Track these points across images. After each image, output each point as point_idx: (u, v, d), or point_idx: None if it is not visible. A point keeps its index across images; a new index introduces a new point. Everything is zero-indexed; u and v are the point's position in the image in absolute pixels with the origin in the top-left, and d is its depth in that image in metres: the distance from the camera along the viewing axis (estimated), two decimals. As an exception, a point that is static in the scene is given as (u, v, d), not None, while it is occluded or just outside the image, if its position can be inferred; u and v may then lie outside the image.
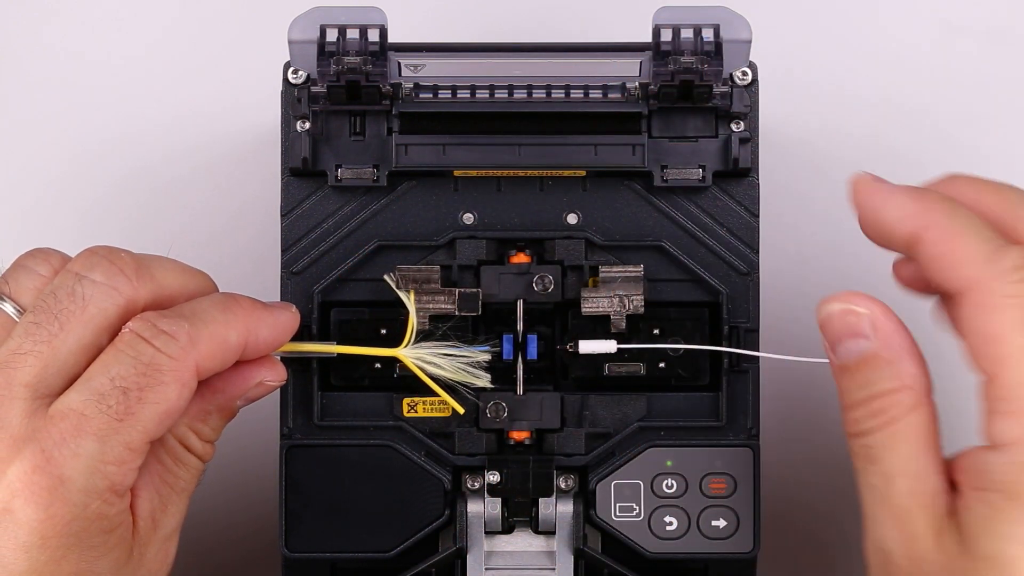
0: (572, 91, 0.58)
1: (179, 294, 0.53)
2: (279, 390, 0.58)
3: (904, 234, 0.52)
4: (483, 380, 0.57)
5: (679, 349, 0.59)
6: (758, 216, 0.59)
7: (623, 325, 0.58)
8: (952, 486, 0.51)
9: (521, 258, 0.59)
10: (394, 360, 0.57)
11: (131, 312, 0.51)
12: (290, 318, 0.55)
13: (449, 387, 0.57)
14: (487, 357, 0.57)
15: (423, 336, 0.57)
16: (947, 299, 0.52)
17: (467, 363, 0.57)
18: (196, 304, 0.52)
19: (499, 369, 0.58)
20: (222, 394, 0.53)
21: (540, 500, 0.59)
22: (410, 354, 0.57)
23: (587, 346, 0.58)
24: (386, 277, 0.58)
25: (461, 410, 0.57)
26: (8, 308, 0.52)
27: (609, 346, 0.57)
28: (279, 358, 0.55)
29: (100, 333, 0.50)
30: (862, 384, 0.52)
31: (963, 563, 0.49)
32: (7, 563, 0.48)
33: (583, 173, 0.59)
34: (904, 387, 0.51)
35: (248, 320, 0.53)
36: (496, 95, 0.58)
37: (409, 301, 0.57)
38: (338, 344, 0.57)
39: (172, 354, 0.50)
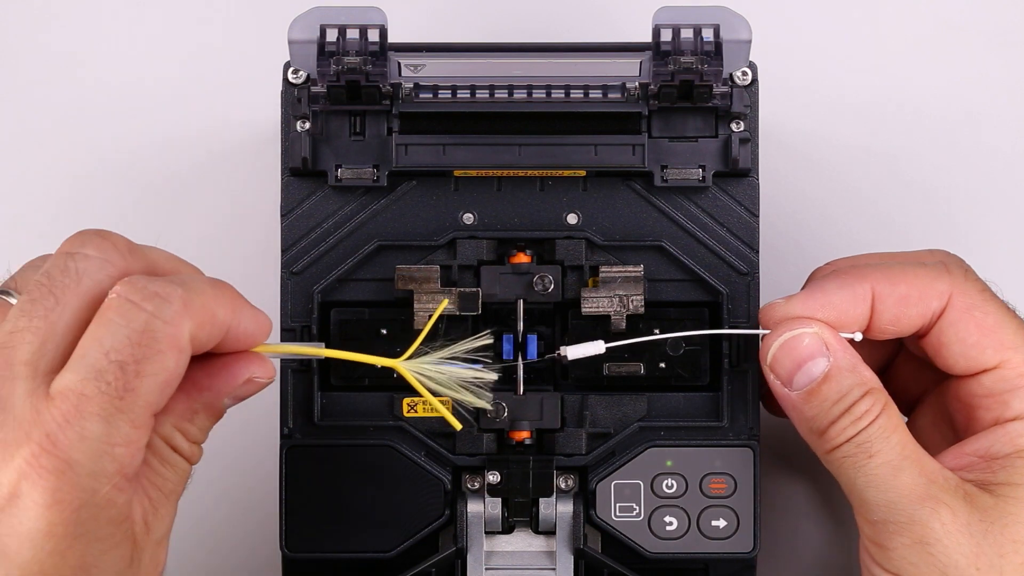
0: (572, 91, 0.58)
1: (170, 272, 0.52)
2: (280, 391, 0.58)
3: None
4: (485, 401, 0.55)
5: (669, 340, 0.59)
6: (758, 216, 0.59)
7: (623, 325, 0.58)
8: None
9: (521, 258, 0.59)
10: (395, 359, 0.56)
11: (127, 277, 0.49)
12: (267, 319, 0.52)
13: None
14: (494, 377, 0.55)
15: (430, 336, 0.57)
16: (922, 336, 0.57)
17: (471, 381, 0.55)
18: (185, 272, 0.51)
19: (499, 369, 0.58)
20: (209, 391, 0.51)
21: (540, 500, 0.59)
22: (411, 367, 0.54)
23: (575, 351, 0.57)
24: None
25: (458, 426, 0.56)
26: (10, 300, 0.51)
27: (598, 347, 0.57)
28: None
29: (96, 305, 0.49)
30: (832, 399, 0.54)
31: (999, 518, 0.53)
32: (10, 552, 0.47)
33: (583, 173, 0.59)
34: (872, 388, 0.54)
35: (234, 302, 0.51)
36: (496, 95, 0.58)
37: (435, 314, 0.56)
38: (340, 350, 0.55)
39: (166, 318, 0.48)
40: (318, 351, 0.55)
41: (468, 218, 0.59)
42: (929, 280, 0.56)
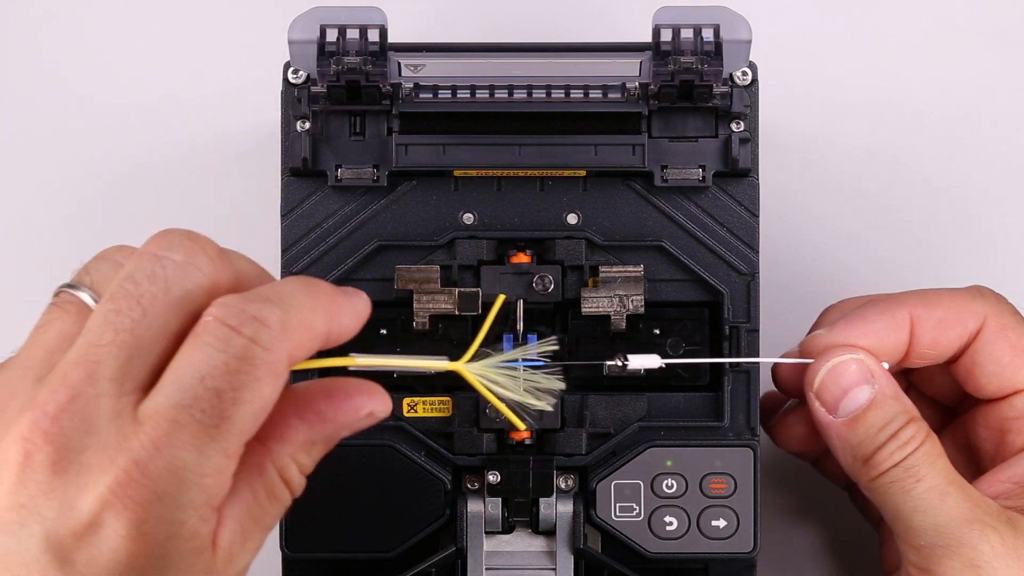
0: (572, 91, 0.58)
1: (256, 283, 0.48)
2: None
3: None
4: (548, 404, 0.53)
5: (670, 341, 0.59)
6: (758, 216, 0.59)
7: (623, 325, 0.58)
8: None
9: (521, 258, 0.59)
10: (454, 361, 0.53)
11: (215, 295, 0.46)
12: (366, 304, 0.49)
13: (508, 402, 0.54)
14: (562, 387, 0.54)
15: (426, 336, 0.57)
16: (953, 361, 0.57)
17: (535, 386, 0.54)
18: (279, 287, 0.47)
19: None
20: (332, 423, 0.48)
21: (540, 500, 0.59)
22: (473, 370, 0.52)
23: (636, 360, 0.56)
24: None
25: (523, 427, 0.54)
26: (85, 296, 0.47)
27: (654, 361, 0.56)
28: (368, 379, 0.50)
29: (185, 318, 0.45)
30: (878, 425, 0.55)
31: None
32: None
33: (583, 173, 0.59)
34: (914, 416, 0.54)
35: (331, 305, 0.47)
36: (496, 95, 0.58)
37: (493, 312, 0.55)
38: (397, 356, 0.52)
39: (265, 344, 0.44)
40: (393, 361, 0.52)
41: (468, 218, 0.59)
42: (964, 302, 0.57)
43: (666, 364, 0.57)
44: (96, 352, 0.44)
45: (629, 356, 0.56)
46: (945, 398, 0.60)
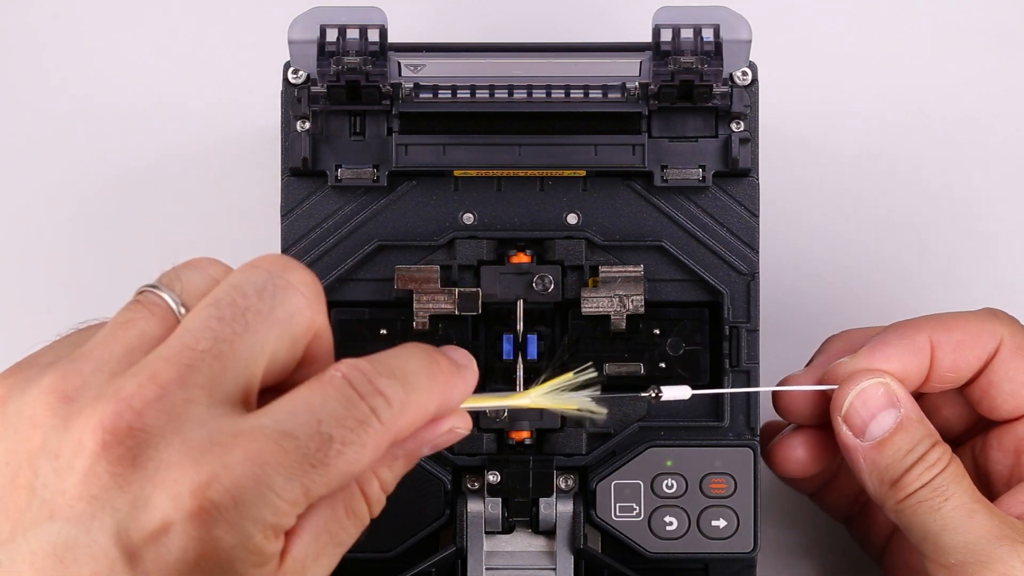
0: (572, 91, 0.58)
1: (329, 334, 0.48)
2: None
3: None
4: (602, 413, 0.53)
5: (670, 341, 0.59)
6: (758, 216, 0.59)
7: (623, 325, 0.58)
8: None
9: (521, 258, 0.59)
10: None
11: (311, 332, 0.46)
12: (475, 377, 0.49)
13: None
14: (604, 412, 0.53)
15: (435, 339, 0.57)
16: (969, 383, 0.58)
17: (587, 400, 0.53)
18: (406, 363, 0.46)
19: (499, 369, 0.58)
20: (414, 439, 0.48)
21: (540, 500, 0.59)
22: (544, 400, 0.52)
23: (670, 392, 0.56)
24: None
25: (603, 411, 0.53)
26: (170, 300, 0.46)
27: (684, 392, 0.56)
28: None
29: (283, 343, 0.45)
30: (905, 448, 0.56)
31: None
32: None
33: (583, 173, 0.59)
34: (938, 439, 0.55)
35: (447, 387, 0.47)
36: (496, 95, 0.58)
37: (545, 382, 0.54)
38: (499, 395, 0.53)
39: (383, 419, 0.45)
40: (512, 400, 0.53)
41: (468, 218, 0.59)
42: (981, 323, 0.57)
43: (694, 394, 0.56)
44: (191, 356, 0.44)
45: (663, 388, 0.56)
46: (947, 430, 0.61)
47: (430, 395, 0.47)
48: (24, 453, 0.44)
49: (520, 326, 0.59)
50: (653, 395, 0.56)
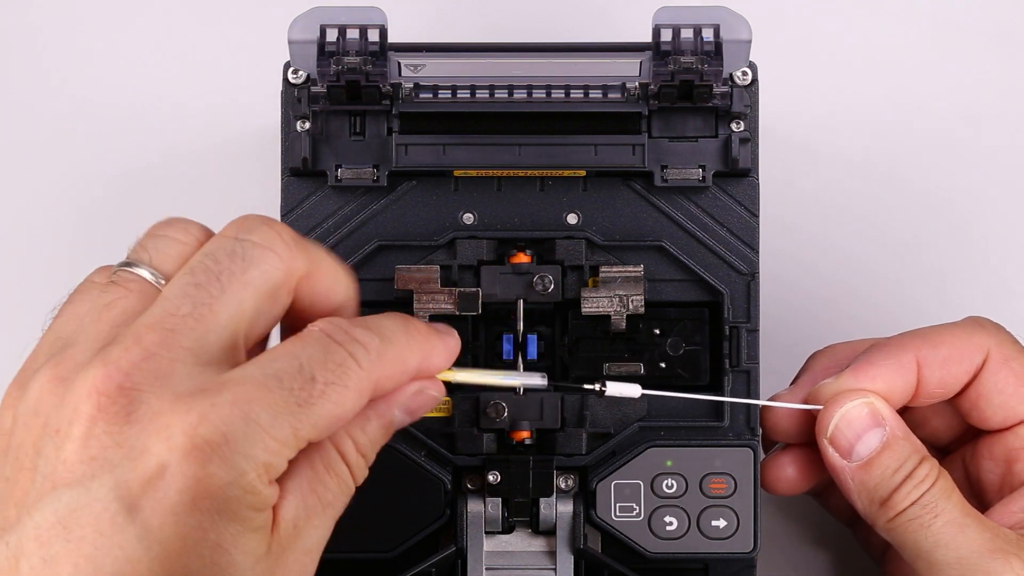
0: (572, 91, 0.58)
1: (329, 276, 0.50)
2: None
3: None
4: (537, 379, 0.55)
5: (670, 341, 0.59)
6: (758, 216, 0.59)
7: (623, 325, 0.58)
8: None
9: (521, 258, 0.59)
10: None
11: (290, 280, 0.48)
12: (457, 343, 0.52)
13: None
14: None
15: None
16: (957, 395, 0.58)
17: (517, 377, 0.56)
18: (380, 320, 0.49)
19: (499, 369, 0.58)
20: (384, 400, 0.50)
21: (540, 500, 0.59)
22: (456, 375, 0.54)
23: (614, 388, 0.56)
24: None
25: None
26: (146, 274, 0.49)
27: (634, 390, 0.56)
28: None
29: (261, 299, 0.47)
30: (892, 467, 0.56)
31: None
32: (153, 528, 0.44)
33: (583, 173, 0.59)
34: (925, 455, 0.55)
35: (425, 345, 0.50)
36: (496, 95, 0.58)
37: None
38: (494, 373, 0.55)
39: (361, 363, 0.47)
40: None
41: (468, 218, 0.59)
42: (966, 336, 0.57)
43: (642, 394, 0.56)
44: (173, 321, 0.46)
45: (608, 383, 0.56)
46: (937, 439, 0.61)
47: (408, 349, 0.49)
48: (29, 441, 0.46)
49: (520, 326, 0.59)
50: (598, 389, 0.56)
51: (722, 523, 0.59)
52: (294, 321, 0.50)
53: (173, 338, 0.46)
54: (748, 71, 0.58)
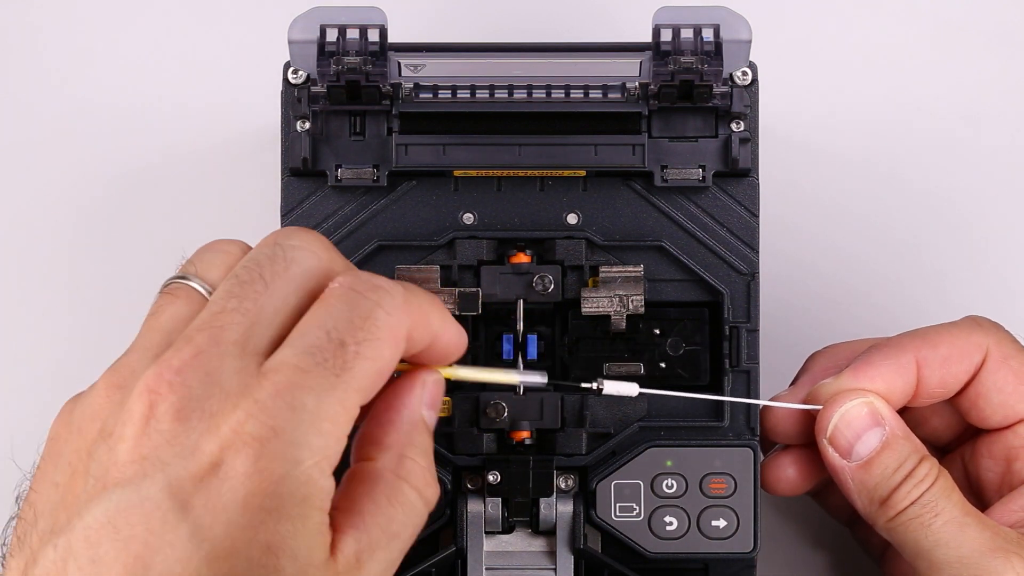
0: (572, 91, 0.58)
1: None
2: None
3: None
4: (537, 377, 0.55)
5: (670, 341, 0.59)
6: (758, 216, 0.59)
7: (623, 325, 0.58)
8: None
9: (521, 258, 0.59)
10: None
11: (330, 277, 0.48)
12: (466, 337, 0.51)
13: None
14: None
15: None
16: (956, 395, 0.58)
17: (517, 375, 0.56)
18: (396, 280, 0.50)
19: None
20: (404, 408, 0.50)
21: (540, 500, 0.59)
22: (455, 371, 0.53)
23: (611, 387, 0.56)
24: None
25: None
26: (196, 285, 0.49)
27: (631, 389, 0.57)
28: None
29: (304, 294, 0.48)
30: (892, 467, 0.56)
31: None
32: (204, 527, 0.44)
33: (583, 173, 0.59)
34: (925, 454, 0.55)
35: (443, 313, 0.50)
36: (496, 95, 0.58)
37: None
38: (494, 370, 0.55)
39: (388, 309, 0.47)
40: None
41: (468, 218, 0.59)
42: (965, 335, 0.57)
43: (640, 393, 0.56)
44: (220, 319, 0.46)
45: (605, 382, 0.56)
46: (936, 439, 0.61)
47: (432, 306, 0.49)
48: (84, 447, 0.47)
49: (520, 326, 0.59)
50: (595, 387, 0.56)
51: (722, 523, 0.59)
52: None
53: (222, 334, 0.46)
54: (748, 71, 0.58)
